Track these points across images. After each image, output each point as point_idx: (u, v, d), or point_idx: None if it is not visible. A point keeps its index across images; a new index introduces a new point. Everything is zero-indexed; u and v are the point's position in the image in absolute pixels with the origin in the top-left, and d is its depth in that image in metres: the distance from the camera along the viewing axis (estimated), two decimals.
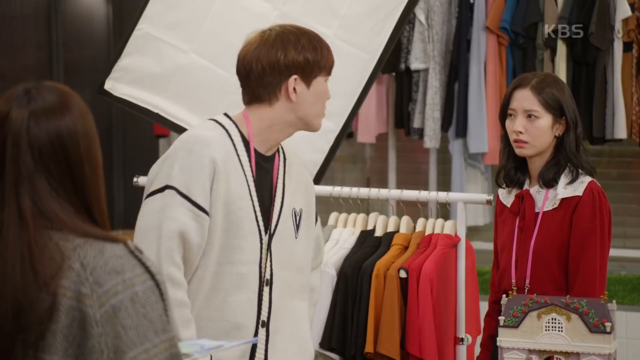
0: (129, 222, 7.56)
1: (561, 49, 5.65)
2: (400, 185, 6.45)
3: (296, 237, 2.87)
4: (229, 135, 2.79)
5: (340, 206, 3.97)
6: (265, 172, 2.83)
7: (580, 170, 3.23)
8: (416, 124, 6.08)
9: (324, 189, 3.96)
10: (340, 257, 3.76)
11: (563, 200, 3.20)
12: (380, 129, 6.34)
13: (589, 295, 3.06)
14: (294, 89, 2.79)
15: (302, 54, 2.79)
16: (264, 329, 2.79)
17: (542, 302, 2.93)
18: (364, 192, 3.95)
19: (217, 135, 2.77)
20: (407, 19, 4.32)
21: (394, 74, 6.19)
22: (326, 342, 3.63)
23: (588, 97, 5.66)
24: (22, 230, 1.72)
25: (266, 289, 2.79)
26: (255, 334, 2.76)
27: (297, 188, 2.92)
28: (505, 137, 3.33)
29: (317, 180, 4.15)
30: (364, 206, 4.99)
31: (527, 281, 3.20)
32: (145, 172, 4.99)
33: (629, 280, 5.84)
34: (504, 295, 3.10)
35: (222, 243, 2.73)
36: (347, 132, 4.37)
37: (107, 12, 7.49)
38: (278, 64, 2.77)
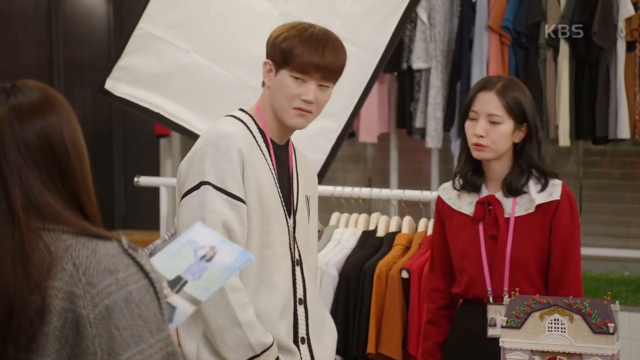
0: (129, 222, 7.55)
1: (564, 48, 5.63)
2: (402, 185, 6.43)
3: (309, 222, 3.00)
4: (248, 129, 2.88)
5: (342, 206, 3.96)
6: (281, 161, 2.94)
7: (547, 176, 3.19)
8: (418, 123, 6.06)
9: (326, 189, 3.95)
10: (341, 257, 3.75)
11: (539, 205, 3.16)
12: (382, 128, 6.32)
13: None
14: (267, 71, 2.89)
15: (283, 42, 2.84)
16: (302, 306, 2.92)
17: (545, 303, 2.91)
18: (365, 192, 3.93)
19: (239, 130, 2.86)
20: (409, 18, 4.30)
21: (395, 73, 6.17)
22: None
23: (591, 96, 5.64)
24: (13, 227, 1.69)
25: (297, 268, 2.92)
26: (295, 312, 2.89)
27: (307, 176, 3.04)
28: (462, 139, 3.26)
29: (319, 180, 4.13)
30: (366, 206, 4.98)
31: (505, 289, 3.15)
32: (146, 172, 5.00)
33: (632, 280, 5.81)
34: (505, 296, 3.08)
35: (260, 228, 2.83)
36: (348, 132, 4.36)
37: (108, 11, 7.48)
38: (267, 44, 2.89)
